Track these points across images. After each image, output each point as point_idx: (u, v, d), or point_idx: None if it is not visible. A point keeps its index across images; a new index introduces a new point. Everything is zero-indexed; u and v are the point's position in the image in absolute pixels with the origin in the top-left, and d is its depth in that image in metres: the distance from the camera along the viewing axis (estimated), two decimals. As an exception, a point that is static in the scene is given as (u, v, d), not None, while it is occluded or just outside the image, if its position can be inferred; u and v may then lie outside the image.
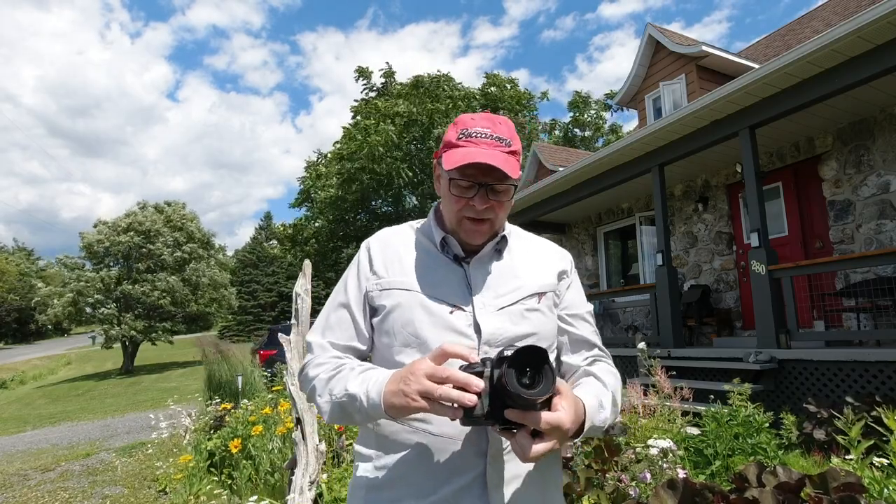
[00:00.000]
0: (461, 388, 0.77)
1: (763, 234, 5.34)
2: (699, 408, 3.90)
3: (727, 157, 7.04)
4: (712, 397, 4.46)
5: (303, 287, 3.33)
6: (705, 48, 8.58)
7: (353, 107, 20.82)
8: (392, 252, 1.05)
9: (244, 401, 5.43)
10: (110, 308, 20.41)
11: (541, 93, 25.20)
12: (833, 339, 5.23)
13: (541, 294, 1.04)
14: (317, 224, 21.97)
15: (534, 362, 0.76)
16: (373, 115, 18.59)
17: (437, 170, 1.05)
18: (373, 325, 1.03)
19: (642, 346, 4.63)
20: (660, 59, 9.65)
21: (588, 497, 2.36)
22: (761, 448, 3.06)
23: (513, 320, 0.99)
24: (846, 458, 2.72)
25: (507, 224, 1.10)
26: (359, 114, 20.00)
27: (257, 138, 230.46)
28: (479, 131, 0.96)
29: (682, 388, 3.91)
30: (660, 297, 6.54)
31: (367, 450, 1.00)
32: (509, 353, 0.77)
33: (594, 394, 0.95)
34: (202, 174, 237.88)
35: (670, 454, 2.65)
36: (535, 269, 1.07)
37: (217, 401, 6.55)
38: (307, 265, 3.51)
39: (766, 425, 3.17)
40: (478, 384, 0.77)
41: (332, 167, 19.67)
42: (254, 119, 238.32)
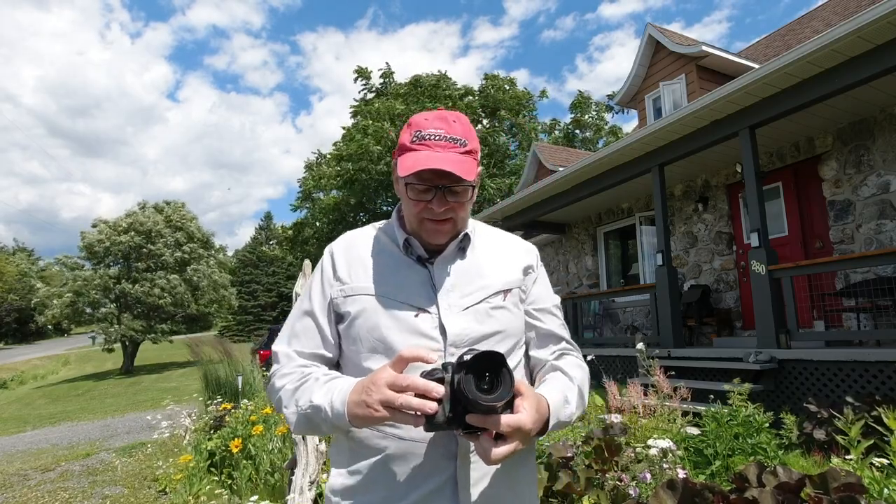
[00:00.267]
0: (422, 396, 0.78)
1: (763, 234, 5.34)
2: (699, 408, 3.90)
3: (727, 157, 7.04)
4: (712, 397, 4.45)
5: (303, 287, 3.32)
6: (705, 48, 8.58)
7: (352, 107, 20.82)
8: (355, 257, 1.04)
9: (244, 401, 5.43)
10: (109, 308, 20.42)
11: (539, 91, 25.21)
12: (833, 339, 5.23)
13: (506, 291, 1.03)
14: (317, 224, 21.99)
15: (492, 367, 0.76)
16: (371, 115, 18.59)
17: (395, 171, 1.02)
18: (339, 332, 1.02)
19: (642, 346, 4.64)
20: (660, 59, 9.65)
21: (588, 497, 2.36)
22: (761, 448, 3.06)
23: (478, 319, 0.98)
24: (846, 458, 2.72)
25: (472, 221, 1.09)
26: (357, 115, 19.99)
27: (257, 138, 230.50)
28: (433, 133, 0.94)
29: (681, 388, 3.91)
30: (660, 297, 6.54)
31: (340, 456, 1.00)
32: (469, 357, 0.77)
33: (559, 389, 0.96)
34: (202, 174, 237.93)
35: (670, 454, 2.65)
36: (499, 266, 1.06)
37: (217, 401, 6.55)
38: (307, 265, 3.51)
39: (766, 425, 3.17)
40: (438, 391, 0.77)
41: (332, 168, 19.67)
42: (254, 119, 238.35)
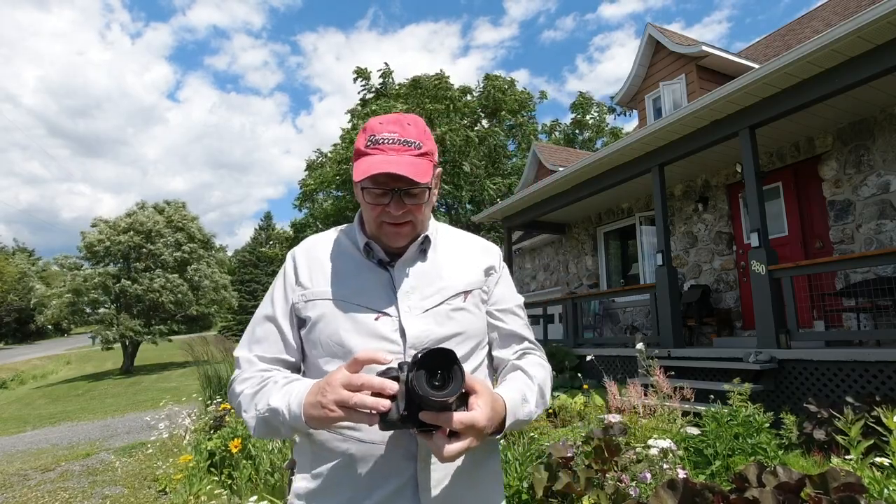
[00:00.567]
0: (377, 394, 0.78)
1: (763, 234, 5.34)
2: (699, 408, 3.90)
3: (727, 157, 7.04)
4: (712, 397, 4.45)
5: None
6: (705, 48, 8.58)
7: (348, 110, 20.81)
8: (317, 261, 1.04)
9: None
10: (108, 308, 20.42)
11: (539, 92, 25.15)
12: (833, 339, 5.23)
13: (467, 292, 1.04)
14: (317, 225, 21.98)
15: (444, 364, 0.77)
16: (370, 117, 18.55)
17: (354, 182, 1.02)
18: (301, 337, 1.02)
19: (642, 346, 4.64)
20: (660, 59, 9.65)
21: (588, 497, 2.36)
22: (761, 448, 3.06)
23: (438, 321, 0.99)
24: (846, 458, 2.72)
25: (433, 222, 1.09)
26: (355, 117, 19.96)
27: (257, 138, 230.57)
28: (387, 137, 0.94)
29: (682, 388, 3.91)
30: (660, 297, 6.54)
31: (303, 459, 1.00)
32: (421, 355, 0.78)
33: (517, 388, 0.97)
34: (202, 174, 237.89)
35: (670, 454, 2.65)
36: (460, 268, 1.06)
37: (217, 401, 6.55)
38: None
39: (766, 425, 3.17)
40: (392, 387, 0.78)
41: (332, 168, 19.65)
42: (254, 119, 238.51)
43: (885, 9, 4.10)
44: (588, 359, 6.17)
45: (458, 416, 0.79)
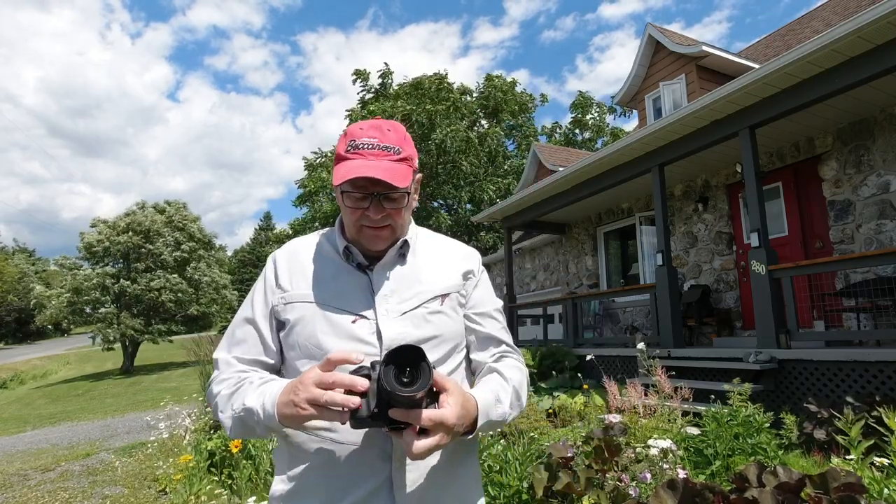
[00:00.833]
0: (349, 392, 0.79)
1: (763, 234, 5.34)
2: (699, 408, 3.90)
3: (727, 157, 7.04)
4: (713, 397, 4.46)
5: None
6: (705, 48, 8.58)
7: (347, 111, 20.77)
8: (297, 265, 1.06)
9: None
10: (108, 308, 20.41)
11: (541, 95, 25.11)
12: (833, 339, 5.23)
13: (444, 296, 1.05)
14: (317, 225, 21.97)
15: (412, 361, 0.78)
16: (370, 118, 18.55)
17: (334, 187, 1.04)
18: (280, 340, 1.03)
19: (642, 346, 4.63)
20: (660, 59, 9.65)
21: (588, 497, 2.36)
22: (761, 448, 3.06)
23: (415, 324, 1.00)
24: (846, 458, 2.72)
25: (414, 227, 1.11)
26: (354, 119, 19.95)
27: (257, 138, 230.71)
28: (367, 142, 0.96)
29: (682, 388, 3.91)
30: (660, 297, 6.54)
31: (281, 461, 1.01)
32: (390, 351, 0.79)
33: (491, 389, 0.98)
34: (202, 174, 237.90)
35: (670, 454, 2.65)
36: (438, 272, 1.07)
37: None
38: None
39: (767, 425, 3.17)
40: (362, 384, 0.79)
41: (331, 169, 19.59)
42: (254, 119, 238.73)
43: (885, 9, 4.10)
44: (588, 359, 6.17)
45: (427, 413, 0.80)
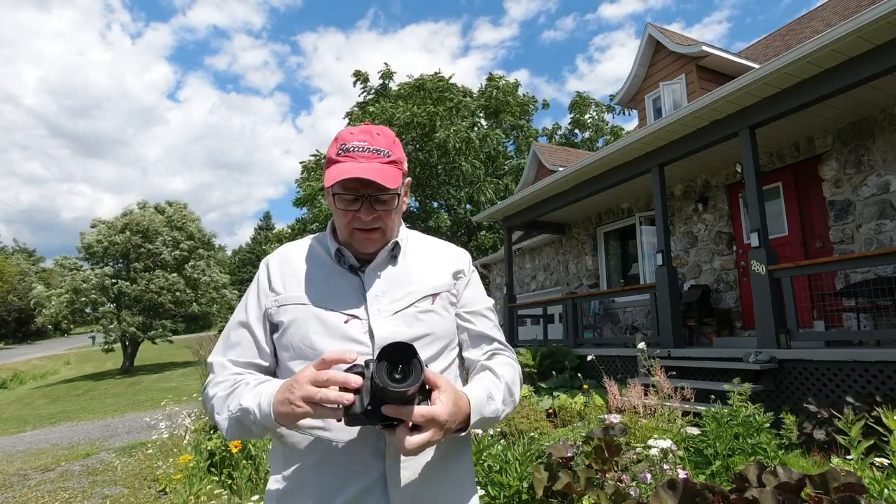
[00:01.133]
0: (343, 390, 0.81)
1: (763, 234, 5.34)
2: (699, 408, 3.90)
3: (727, 157, 7.04)
4: (712, 397, 4.46)
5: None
6: (705, 48, 8.58)
7: (348, 112, 20.76)
8: (289, 268, 1.08)
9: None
10: (108, 307, 20.40)
11: (543, 101, 25.07)
12: (833, 339, 5.23)
13: (434, 295, 1.07)
14: (317, 226, 21.95)
15: (404, 357, 0.80)
16: (369, 118, 18.51)
17: (325, 190, 1.07)
18: (274, 342, 1.05)
19: (642, 346, 4.63)
20: (660, 59, 9.65)
21: (588, 497, 2.36)
22: (761, 448, 3.06)
23: (407, 323, 1.02)
24: (846, 458, 2.72)
25: (405, 229, 1.14)
26: (354, 120, 19.92)
27: (258, 138, 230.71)
28: (357, 145, 0.99)
29: (682, 388, 3.91)
30: (660, 297, 6.54)
31: (276, 462, 1.03)
32: (382, 349, 0.80)
33: (484, 387, 1.00)
34: (202, 174, 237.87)
35: (671, 454, 2.65)
36: (428, 272, 1.10)
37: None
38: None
39: (767, 425, 3.17)
40: (356, 381, 0.81)
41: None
42: (254, 119, 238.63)
43: (885, 9, 4.10)
44: (588, 359, 6.17)
45: (419, 410, 0.81)
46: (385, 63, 23.20)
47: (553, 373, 7.13)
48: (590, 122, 24.81)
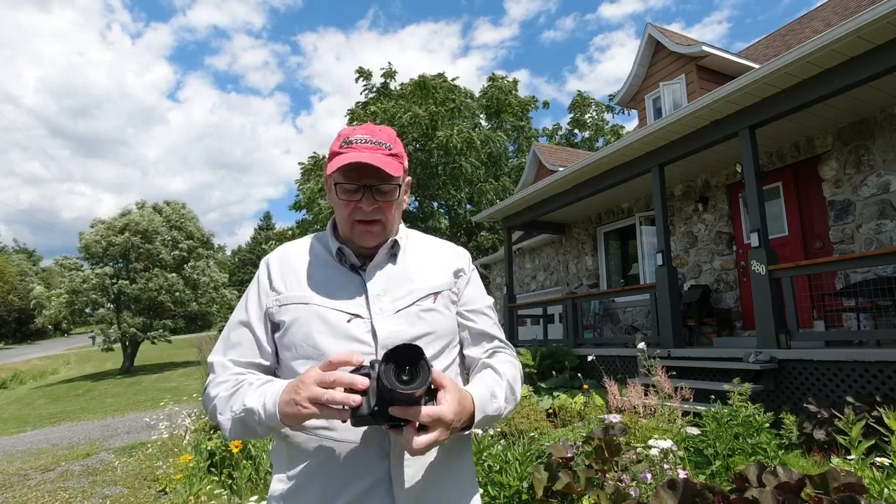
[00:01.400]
0: (349, 391, 0.81)
1: (763, 234, 5.34)
2: (699, 408, 3.90)
3: (727, 157, 7.04)
4: (712, 397, 4.45)
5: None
6: (705, 48, 8.58)
7: (349, 111, 20.74)
8: (290, 267, 1.08)
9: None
10: (108, 308, 20.40)
11: (543, 102, 25.08)
12: (833, 339, 5.23)
13: (436, 293, 1.08)
14: (316, 227, 21.96)
15: (411, 359, 0.80)
16: (371, 118, 18.49)
17: (328, 183, 1.07)
18: (275, 341, 1.05)
19: (643, 345, 4.63)
20: (660, 59, 9.65)
21: (588, 497, 2.36)
22: (761, 448, 3.06)
23: (409, 321, 1.02)
24: (847, 458, 2.72)
25: (404, 228, 1.14)
26: (355, 119, 19.90)
27: (258, 138, 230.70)
28: (360, 138, 1.01)
29: (682, 388, 3.91)
30: (660, 297, 6.54)
31: (280, 461, 1.02)
32: (389, 350, 0.81)
33: (486, 385, 1.01)
34: (202, 174, 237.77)
35: (671, 454, 2.65)
36: (429, 270, 1.10)
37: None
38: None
39: (767, 425, 3.17)
40: (362, 382, 0.81)
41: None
42: (254, 119, 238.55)
43: (885, 9, 4.10)
44: (588, 359, 6.17)
45: (426, 410, 0.82)
46: (388, 62, 23.17)
47: (553, 373, 7.13)
48: (589, 121, 24.80)
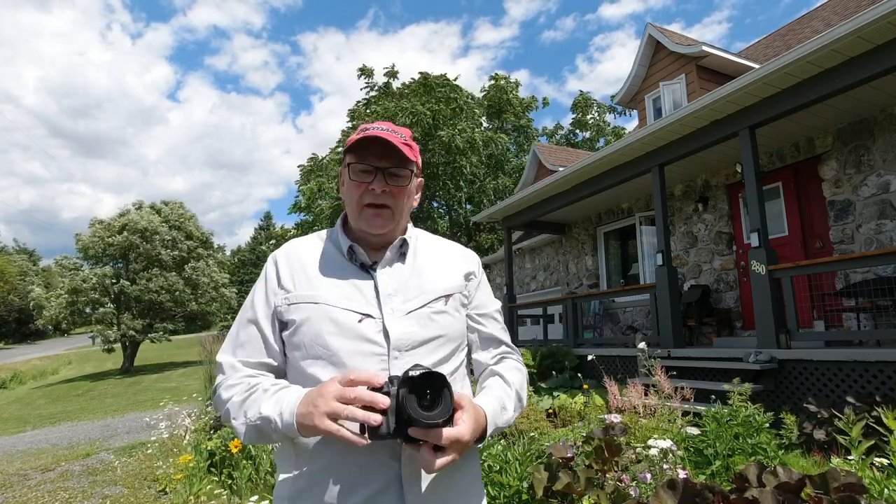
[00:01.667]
0: (368, 407, 0.81)
1: (763, 234, 5.33)
2: (699, 408, 3.90)
3: (727, 157, 7.04)
4: (713, 397, 4.45)
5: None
6: (705, 48, 8.58)
7: (351, 110, 20.74)
8: (299, 265, 1.06)
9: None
10: (108, 307, 20.39)
11: (543, 99, 25.10)
12: (833, 339, 5.23)
13: (447, 296, 1.08)
14: (316, 228, 21.92)
15: (433, 386, 0.81)
16: (372, 118, 18.50)
17: (341, 176, 1.08)
18: (283, 340, 1.04)
19: (643, 345, 4.63)
20: (660, 59, 9.65)
21: (588, 497, 2.36)
22: (761, 448, 3.06)
23: (421, 323, 1.02)
24: (847, 458, 2.72)
25: (412, 228, 1.14)
26: (357, 118, 19.91)
27: (258, 138, 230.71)
28: (378, 127, 1.03)
29: (682, 388, 3.91)
30: (660, 297, 6.54)
31: (286, 460, 1.01)
32: (413, 373, 0.81)
33: (497, 397, 1.02)
34: (202, 174, 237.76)
35: (671, 454, 2.65)
36: (441, 272, 1.10)
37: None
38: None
39: (767, 425, 3.17)
40: (384, 402, 0.81)
41: (331, 170, 19.59)
42: (254, 119, 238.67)
43: (885, 9, 4.10)
44: (588, 359, 6.17)
45: (447, 433, 0.82)
46: (392, 63, 23.15)
47: (553, 373, 7.13)
48: (591, 122, 24.80)
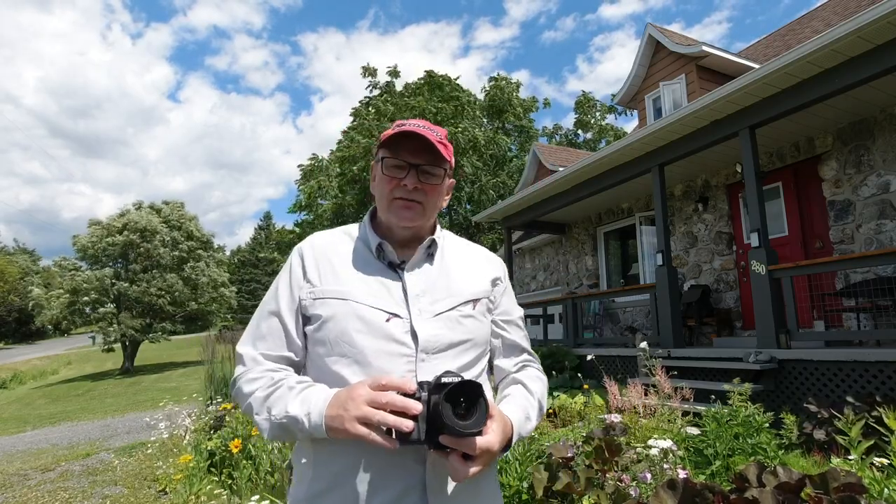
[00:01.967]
0: (399, 413, 0.81)
1: (763, 234, 5.34)
2: (699, 408, 3.90)
3: (727, 157, 7.04)
4: (713, 397, 4.45)
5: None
6: (705, 48, 8.58)
7: (354, 110, 20.74)
8: (325, 259, 1.04)
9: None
10: (108, 308, 20.38)
11: (543, 100, 25.12)
12: (833, 339, 5.23)
13: (475, 301, 1.07)
14: (317, 228, 21.90)
15: (468, 395, 0.80)
16: (376, 117, 18.48)
17: (373, 171, 1.08)
18: (305, 334, 1.02)
19: (644, 345, 4.63)
20: (660, 59, 9.65)
21: (588, 497, 2.36)
22: (761, 448, 3.06)
23: (449, 326, 1.00)
24: (847, 458, 2.72)
25: (440, 228, 1.13)
26: (358, 117, 19.92)
27: (258, 139, 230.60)
28: (413, 123, 1.02)
29: (682, 388, 3.91)
30: (660, 297, 6.54)
31: (304, 459, 0.99)
32: (447, 380, 0.80)
33: (521, 407, 1.02)
34: (202, 174, 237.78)
35: (671, 454, 2.65)
36: (469, 276, 1.09)
37: (218, 401, 6.56)
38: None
39: (766, 425, 3.17)
40: (416, 408, 0.80)
41: (333, 167, 19.59)
42: (254, 119, 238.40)
43: (885, 9, 4.10)
44: (588, 359, 6.17)
45: (478, 442, 0.82)
46: (395, 63, 23.15)
47: (553, 373, 7.13)
48: (592, 123, 24.81)
